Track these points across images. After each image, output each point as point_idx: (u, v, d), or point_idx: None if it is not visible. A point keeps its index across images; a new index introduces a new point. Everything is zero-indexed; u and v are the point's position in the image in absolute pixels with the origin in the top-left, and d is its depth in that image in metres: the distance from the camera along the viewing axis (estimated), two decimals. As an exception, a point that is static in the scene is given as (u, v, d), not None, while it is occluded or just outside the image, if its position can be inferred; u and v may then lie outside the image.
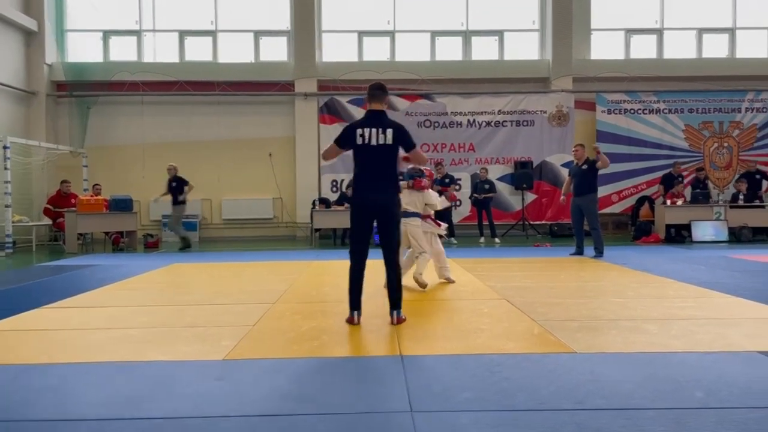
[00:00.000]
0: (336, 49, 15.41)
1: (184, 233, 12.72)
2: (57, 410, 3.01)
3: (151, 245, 13.06)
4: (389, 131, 4.72)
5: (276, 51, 15.41)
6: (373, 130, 4.73)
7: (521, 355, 3.87)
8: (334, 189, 14.74)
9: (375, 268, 4.98)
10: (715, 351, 3.95)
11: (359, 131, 4.77)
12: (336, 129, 13.03)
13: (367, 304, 5.06)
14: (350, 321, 4.77)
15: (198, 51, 15.39)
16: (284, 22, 15.26)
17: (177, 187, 12.54)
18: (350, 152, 4.91)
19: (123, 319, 5.30)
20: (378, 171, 4.77)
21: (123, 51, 15.46)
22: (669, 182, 13.90)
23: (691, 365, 3.63)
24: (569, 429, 2.66)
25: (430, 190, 6.84)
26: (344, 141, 4.85)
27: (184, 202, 12.68)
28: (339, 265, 4.87)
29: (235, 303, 5.91)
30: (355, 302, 4.79)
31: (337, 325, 4.79)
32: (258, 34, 15.39)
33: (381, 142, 4.71)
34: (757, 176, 13.75)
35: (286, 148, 15.04)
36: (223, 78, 14.92)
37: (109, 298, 6.41)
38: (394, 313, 4.79)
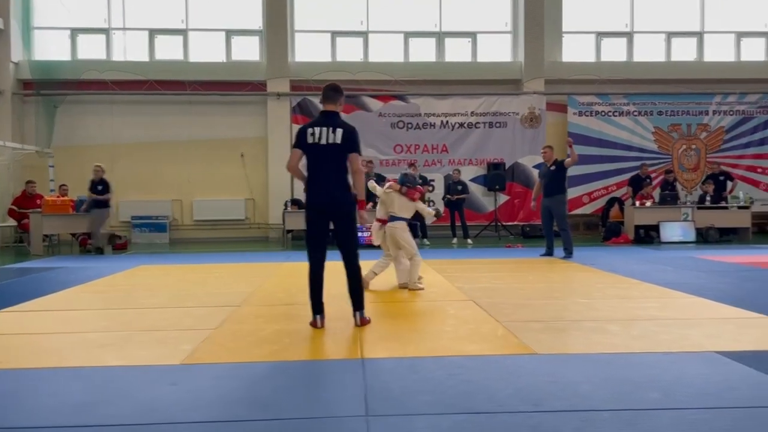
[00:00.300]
0: (309, 49, 15.32)
1: (102, 242, 11.94)
2: (3, 418, 2.91)
3: (120, 247, 12.84)
4: (339, 131, 4.67)
5: (248, 50, 15.27)
6: (324, 129, 4.68)
7: (482, 357, 3.85)
8: (307, 190, 14.63)
9: (338, 269, 4.93)
10: (674, 351, 3.98)
11: (310, 131, 4.73)
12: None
13: (331, 307, 5.02)
14: (313, 324, 4.72)
15: (168, 50, 15.18)
16: (256, 21, 15.12)
17: (103, 190, 11.71)
18: None
19: (82, 323, 5.20)
20: (329, 171, 4.68)
21: (91, 49, 15.17)
22: (637, 183, 14.07)
23: (650, 366, 3.65)
24: (524, 431, 2.65)
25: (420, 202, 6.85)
26: (300, 142, 4.79)
27: (107, 206, 11.82)
28: (309, 267, 4.82)
29: (198, 306, 5.82)
30: (316, 306, 4.73)
31: (301, 328, 4.73)
32: (230, 33, 15.23)
33: (330, 141, 4.65)
34: (721, 177, 13.99)
35: (259, 148, 14.91)
36: (194, 77, 14.74)
37: (71, 301, 6.28)
38: (357, 314, 4.75)
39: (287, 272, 8.40)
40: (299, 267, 8.89)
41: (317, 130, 4.69)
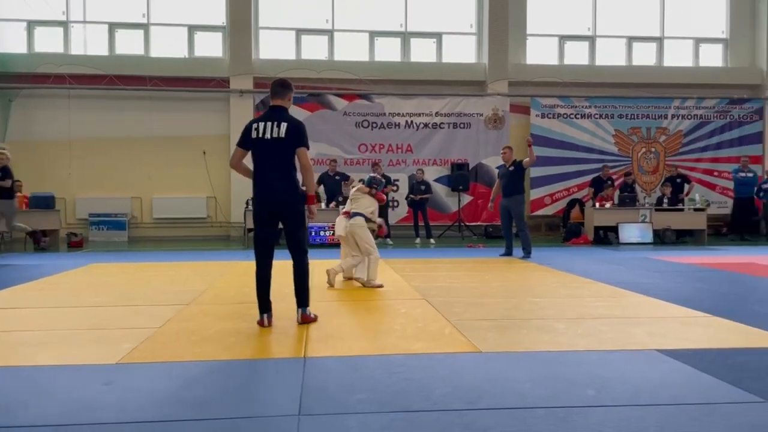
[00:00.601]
0: (273, 47, 15.18)
1: (21, 227, 10.98)
2: None
3: (75, 244, 12.53)
4: (284, 125, 4.60)
5: (211, 47, 15.07)
6: (268, 124, 4.61)
7: (426, 356, 3.83)
8: (270, 188, 14.49)
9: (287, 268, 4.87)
10: (616, 349, 4.02)
11: (254, 126, 4.67)
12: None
13: (281, 305, 4.95)
14: (260, 323, 4.64)
15: (129, 44, 14.89)
16: (219, 17, 14.94)
17: (3, 178, 10.75)
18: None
19: (23, 322, 5.03)
20: (274, 166, 4.61)
21: (49, 42, 14.81)
22: (598, 185, 14.27)
23: (591, 364, 3.67)
24: (456, 429, 2.63)
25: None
26: (244, 139, 4.72)
27: (12, 196, 10.91)
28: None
29: (147, 304, 5.69)
30: (263, 304, 4.66)
31: (247, 327, 4.65)
32: (192, 28, 15.00)
33: (275, 135, 4.58)
34: (678, 180, 14.27)
35: (221, 146, 14.65)
36: (155, 73, 14.46)
37: (16, 299, 6.09)
38: (299, 311, 4.69)
39: (243, 271, 8.23)
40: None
41: (261, 125, 4.63)
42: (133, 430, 2.66)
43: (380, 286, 6.60)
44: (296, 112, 12.73)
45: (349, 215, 6.86)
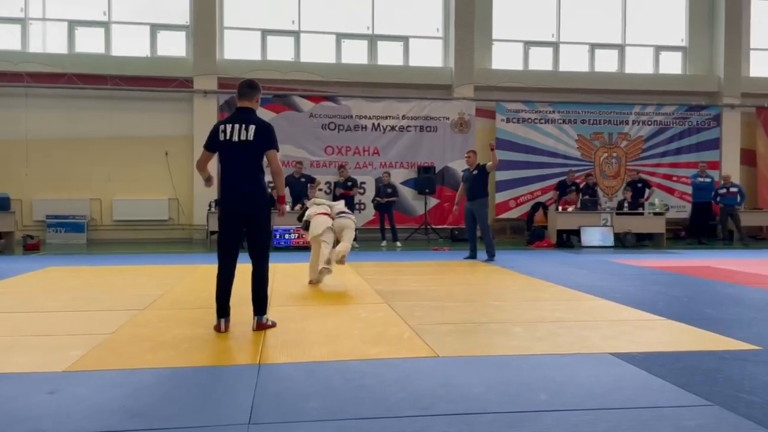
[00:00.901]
0: (238, 47, 15.01)
1: None
2: None
3: (31, 247, 12.18)
4: (252, 128, 4.54)
5: (174, 46, 14.83)
6: (236, 126, 4.55)
7: (383, 361, 3.81)
8: (235, 190, 14.31)
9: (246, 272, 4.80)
10: (572, 353, 4.05)
11: (222, 128, 4.60)
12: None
13: (240, 309, 4.87)
14: (217, 329, 4.57)
15: (89, 42, 14.56)
16: (183, 16, 14.71)
17: None
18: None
19: (-32, 328, 4.85)
20: (242, 170, 4.55)
21: (6, 39, 14.37)
22: (563, 189, 14.46)
23: (545, 367, 3.70)
24: (406, 437, 2.62)
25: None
26: (211, 141, 4.65)
27: None
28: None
29: (100, 309, 5.55)
30: (222, 309, 4.59)
31: (203, 333, 4.57)
32: (155, 27, 14.74)
33: (243, 138, 4.52)
34: (639, 184, 14.55)
35: (184, 147, 14.44)
36: (116, 72, 14.15)
37: (-38, 305, 5.88)
38: (255, 318, 4.62)
39: (203, 275, 8.11)
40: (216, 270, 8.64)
41: (229, 127, 4.56)
42: (75, 441, 2.58)
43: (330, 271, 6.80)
44: (262, 113, 12.48)
45: (326, 214, 7.09)
